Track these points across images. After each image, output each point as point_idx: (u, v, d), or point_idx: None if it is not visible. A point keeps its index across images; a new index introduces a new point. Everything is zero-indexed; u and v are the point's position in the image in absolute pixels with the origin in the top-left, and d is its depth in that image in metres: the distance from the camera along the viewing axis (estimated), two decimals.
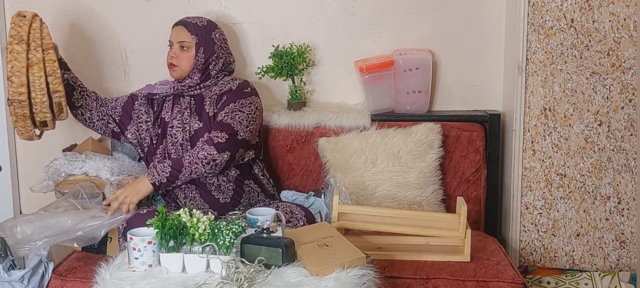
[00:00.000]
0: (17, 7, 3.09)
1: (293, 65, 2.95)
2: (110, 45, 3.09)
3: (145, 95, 2.76)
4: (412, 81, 2.95)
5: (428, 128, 2.86)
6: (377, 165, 2.84)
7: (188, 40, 2.68)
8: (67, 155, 2.68)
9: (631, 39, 2.73)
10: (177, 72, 2.71)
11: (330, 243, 2.19)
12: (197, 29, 2.69)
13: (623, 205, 2.82)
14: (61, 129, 3.13)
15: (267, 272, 2.04)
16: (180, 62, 2.69)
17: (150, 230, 2.12)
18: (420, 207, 2.81)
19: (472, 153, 2.92)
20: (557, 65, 2.78)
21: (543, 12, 2.76)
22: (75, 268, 2.51)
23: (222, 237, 2.07)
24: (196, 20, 2.72)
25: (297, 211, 2.58)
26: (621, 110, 2.77)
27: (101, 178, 2.62)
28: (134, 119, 2.75)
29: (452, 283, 2.39)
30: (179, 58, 2.69)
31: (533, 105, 2.81)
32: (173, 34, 2.73)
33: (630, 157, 2.79)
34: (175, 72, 2.71)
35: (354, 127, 2.93)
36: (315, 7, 3.04)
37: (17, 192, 3.21)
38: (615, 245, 2.84)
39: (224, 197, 2.65)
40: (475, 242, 2.61)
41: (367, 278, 2.06)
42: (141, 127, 2.74)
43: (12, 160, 3.17)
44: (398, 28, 3.03)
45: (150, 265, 2.11)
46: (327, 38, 3.05)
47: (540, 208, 2.85)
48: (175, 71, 2.71)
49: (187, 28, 2.69)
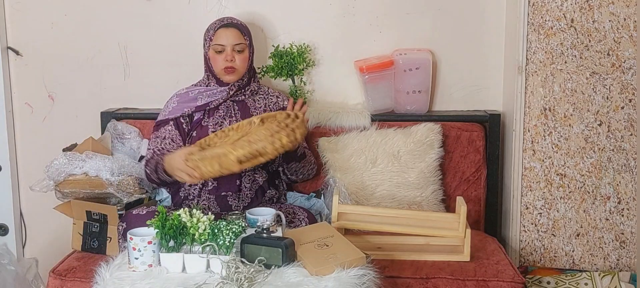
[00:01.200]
0: (17, 7, 3.09)
1: (293, 65, 2.95)
2: (110, 45, 3.09)
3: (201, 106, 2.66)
4: (412, 81, 2.95)
5: (428, 128, 2.86)
6: (377, 165, 2.84)
7: (242, 42, 2.66)
8: (67, 155, 2.68)
9: (631, 39, 2.73)
10: (236, 75, 2.67)
11: (330, 243, 2.19)
12: (246, 30, 2.71)
13: (623, 205, 2.82)
14: (61, 128, 3.13)
15: (267, 272, 2.04)
16: (238, 64, 2.65)
17: (150, 230, 2.12)
18: (420, 207, 2.81)
19: (472, 153, 2.92)
20: (557, 65, 2.78)
21: (543, 12, 2.76)
22: (75, 268, 2.51)
23: (222, 237, 2.07)
24: (239, 21, 2.72)
25: (299, 212, 2.57)
26: (621, 110, 2.77)
27: (101, 178, 2.62)
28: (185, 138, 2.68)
29: (452, 283, 2.39)
30: (236, 60, 2.65)
31: (533, 105, 2.81)
32: (223, 37, 2.65)
33: (630, 157, 2.79)
34: (233, 76, 2.66)
35: (354, 127, 2.93)
36: (315, 7, 3.04)
37: (17, 192, 3.21)
38: (615, 245, 2.84)
39: (238, 204, 2.64)
40: (475, 241, 2.61)
41: (367, 278, 2.07)
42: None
43: (12, 160, 3.17)
44: (398, 28, 3.03)
45: (150, 265, 2.11)
46: (327, 38, 3.05)
47: (540, 208, 2.85)
48: (234, 74, 2.66)
49: (240, 30, 2.68)
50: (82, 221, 2.68)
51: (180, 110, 2.68)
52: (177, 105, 2.69)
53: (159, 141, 2.65)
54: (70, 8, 3.08)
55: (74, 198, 2.67)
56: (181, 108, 2.68)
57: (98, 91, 3.13)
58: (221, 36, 2.65)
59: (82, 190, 2.63)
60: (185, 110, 2.67)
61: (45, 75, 3.13)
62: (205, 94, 2.69)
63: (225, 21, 2.70)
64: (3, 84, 3.11)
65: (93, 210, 2.65)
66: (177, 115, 2.67)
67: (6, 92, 3.12)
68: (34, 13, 3.09)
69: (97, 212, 2.65)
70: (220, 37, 2.65)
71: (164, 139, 2.65)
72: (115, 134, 2.91)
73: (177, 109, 2.68)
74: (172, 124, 2.67)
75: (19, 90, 3.16)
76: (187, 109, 2.67)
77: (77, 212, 2.69)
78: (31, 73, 3.14)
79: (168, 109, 2.70)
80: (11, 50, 3.12)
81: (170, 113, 2.68)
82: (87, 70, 3.11)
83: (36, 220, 3.23)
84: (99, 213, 2.65)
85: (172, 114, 2.68)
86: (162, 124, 2.68)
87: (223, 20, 2.70)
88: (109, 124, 2.94)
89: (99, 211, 2.64)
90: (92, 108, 3.10)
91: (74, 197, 2.66)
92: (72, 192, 2.64)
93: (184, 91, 2.74)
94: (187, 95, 2.71)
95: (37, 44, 3.12)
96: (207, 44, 2.69)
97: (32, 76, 3.14)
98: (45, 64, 3.13)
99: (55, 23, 3.09)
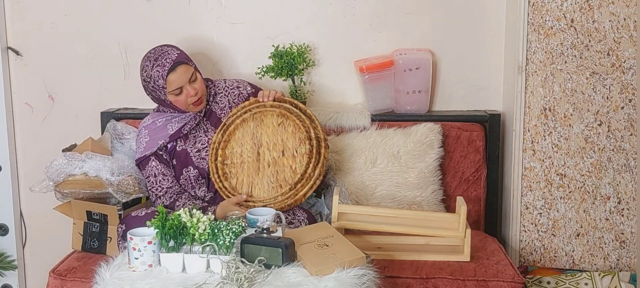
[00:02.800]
0: (17, 7, 3.09)
1: (293, 65, 2.95)
2: (110, 45, 3.09)
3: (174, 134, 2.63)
4: (412, 81, 2.95)
5: (428, 128, 2.86)
6: (377, 165, 2.84)
7: (192, 71, 2.61)
8: (67, 155, 2.68)
9: (631, 39, 2.73)
10: (203, 101, 2.65)
11: (330, 243, 2.19)
12: (184, 55, 2.64)
13: (623, 205, 2.82)
14: (61, 129, 3.13)
15: (267, 272, 2.04)
16: (199, 91, 2.61)
17: (150, 230, 2.12)
18: (420, 207, 2.81)
19: (472, 153, 2.92)
20: (557, 65, 2.78)
21: (543, 12, 2.76)
22: (75, 268, 2.51)
23: (222, 237, 2.07)
24: (176, 52, 2.62)
25: (299, 212, 2.57)
26: (621, 110, 2.77)
27: (101, 178, 2.62)
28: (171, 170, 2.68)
29: (452, 283, 2.39)
30: (197, 90, 2.60)
31: (533, 105, 2.81)
32: (176, 80, 2.56)
33: (630, 157, 2.79)
34: (202, 105, 2.65)
35: (354, 127, 2.93)
36: (315, 7, 3.04)
37: (17, 192, 3.21)
38: (615, 245, 2.84)
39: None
40: (475, 241, 2.61)
41: (367, 278, 2.06)
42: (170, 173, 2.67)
43: (12, 160, 3.17)
44: (398, 28, 3.03)
45: (150, 265, 2.11)
46: (327, 38, 3.05)
47: (540, 208, 2.85)
48: (202, 102, 2.64)
49: (183, 62, 2.59)
50: (82, 221, 2.68)
51: (154, 143, 2.64)
52: (150, 140, 2.65)
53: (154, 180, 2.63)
54: (70, 8, 3.08)
55: (73, 199, 2.67)
56: (155, 141, 2.64)
57: (98, 91, 3.13)
58: (173, 81, 2.56)
59: (82, 190, 2.63)
60: (159, 142, 2.63)
61: (45, 75, 3.13)
62: (174, 121, 2.66)
63: (167, 65, 2.55)
64: (3, 84, 3.11)
65: (93, 210, 2.65)
66: (154, 149, 2.63)
67: (6, 92, 3.12)
68: (34, 13, 3.09)
69: (97, 212, 2.65)
70: (173, 82, 2.56)
71: (156, 177, 2.63)
72: (115, 134, 2.90)
73: (151, 143, 2.64)
74: (154, 160, 2.63)
75: (19, 90, 3.16)
76: (161, 141, 2.63)
77: (77, 212, 2.69)
78: (31, 73, 3.14)
79: (142, 145, 2.65)
80: (11, 50, 3.12)
81: (146, 149, 2.64)
82: (87, 70, 3.11)
83: (36, 220, 3.23)
84: (99, 214, 2.65)
85: (147, 149, 2.64)
86: (144, 161, 2.64)
87: (164, 65, 2.55)
88: (108, 124, 2.94)
89: (99, 211, 2.64)
90: (92, 108, 3.10)
91: (74, 198, 2.66)
92: (72, 193, 2.64)
93: (150, 121, 2.69)
94: (155, 125, 2.67)
95: (37, 44, 3.12)
96: (162, 93, 2.59)
97: (32, 76, 3.14)
98: (45, 64, 3.13)
99: (55, 23, 3.09)
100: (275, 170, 2.57)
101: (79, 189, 2.63)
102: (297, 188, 2.51)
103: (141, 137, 2.68)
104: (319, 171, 2.52)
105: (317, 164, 2.53)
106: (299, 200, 2.51)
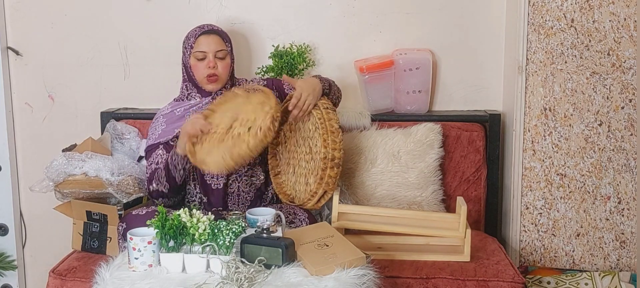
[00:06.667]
0: (17, 6, 3.09)
1: (293, 65, 2.95)
2: (110, 45, 3.10)
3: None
4: (412, 81, 2.95)
5: (428, 128, 2.86)
6: (377, 165, 2.84)
7: (224, 48, 2.58)
8: (67, 155, 2.68)
9: (631, 39, 2.73)
10: (218, 83, 2.58)
11: (330, 243, 2.19)
12: (227, 37, 2.63)
13: (623, 205, 2.82)
14: (61, 128, 3.13)
15: (267, 272, 2.04)
16: (220, 71, 2.57)
17: (150, 230, 2.12)
18: (420, 207, 2.81)
19: (472, 153, 2.92)
20: (557, 65, 2.78)
21: (543, 12, 2.76)
22: (75, 268, 2.51)
23: (222, 237, 2.07)
24: (220, 28, 2.64)
25: (299, 212, 2.57)
26: (621, 110, 2.77)
27: (101, 178, 2.62)
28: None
29: (452, 283, 2.39)
30: (219, 68, 2.57)
31: (533, 105, 2.81)
32: (205, 43, 2.56)
33: (630, 157, 2.79)
34: (216, 84, 2.57)
35: (354, 127, 2.93)
36: (315, 7, 3.04)
37: (17, 192, 3.21)
38: (616, 245, 2.84)
39: (238, 209, 2.63)
40: (475, 241, 2.62)
41: (367, 278, 2.06)
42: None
43: (12, 160, 3.17)
44: (398, 28, 3.03)
45: (150, 265, 2.11)
46: (327, 38, 3.05)
47: (540, 208, 2.85)
48: (217, 82, 2.58)
49: (221, 36, 2.59)
50: (82, 221, 2.68)
51: (170, 132, 2.58)
52: (167, 127, 2.60)
53: (153, 168, 2.57)
54: (70, 8, 3.08)
55: (73, 199, 2.67)
56: (171, 130, 2.59)
57: (98, 91, 3.13)
58: (202, 43, 2.56)
59: (82, 190, 2.63)
60: (175, 131, 2.58)
61: (45, 75, 3.13)
62: (191, 111, 2.60)
63: (206, 28, 2.60)
64: (3, 84, 3.11)
65: (93, 210, 2.65)
66: (168, 137, 2.58)
67: (6, 92, 3.12)
68: (34, 13, 3.09)
69: (97, 212, 2.65)
70: (201, 44, 2.56)
71: (158, 165, 2.54)
72: (115, 134, 2.91)
73: (167, 131, 2.59)
74: (162, 148, 2.57)
75: (19, 90, 3.16)
76: (178, 130, 2.56)
77: (77, 212, 2.69)
78: (31, 73, 3.14)
79: (157, 132, 2.60)
80: (11, 50, 3.12)
81: (161, 136, 2.59)
82: (87, 70, 3.11)
83: (36, 220, 3.23)
84: (99, 213, 2.65)
85: (162, 137, 2.58)
86: (153, 148, 2.59)
87: (204, 27, 2.60)
88: (108, 124, 2.94)
89: (99, 211, 2.64)
90: (92, 108, 3.10)
91: (74, 198, 2.66)
92: (72, 193, 2.64)
93: (169, 110, 2.64)
94: (173, 115, 2.62)
95: (37, 44, 3.12)
96: (187, 52, 2.58)
97: (32, 76, 3.14)
98: (45, 64, 3.13)
99: (55, 23, 3.09)
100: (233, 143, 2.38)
101: (79, 189, 2.63)
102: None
103: (157, 124, 2.62)
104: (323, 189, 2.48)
105: (322, 181, 2.47)
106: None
